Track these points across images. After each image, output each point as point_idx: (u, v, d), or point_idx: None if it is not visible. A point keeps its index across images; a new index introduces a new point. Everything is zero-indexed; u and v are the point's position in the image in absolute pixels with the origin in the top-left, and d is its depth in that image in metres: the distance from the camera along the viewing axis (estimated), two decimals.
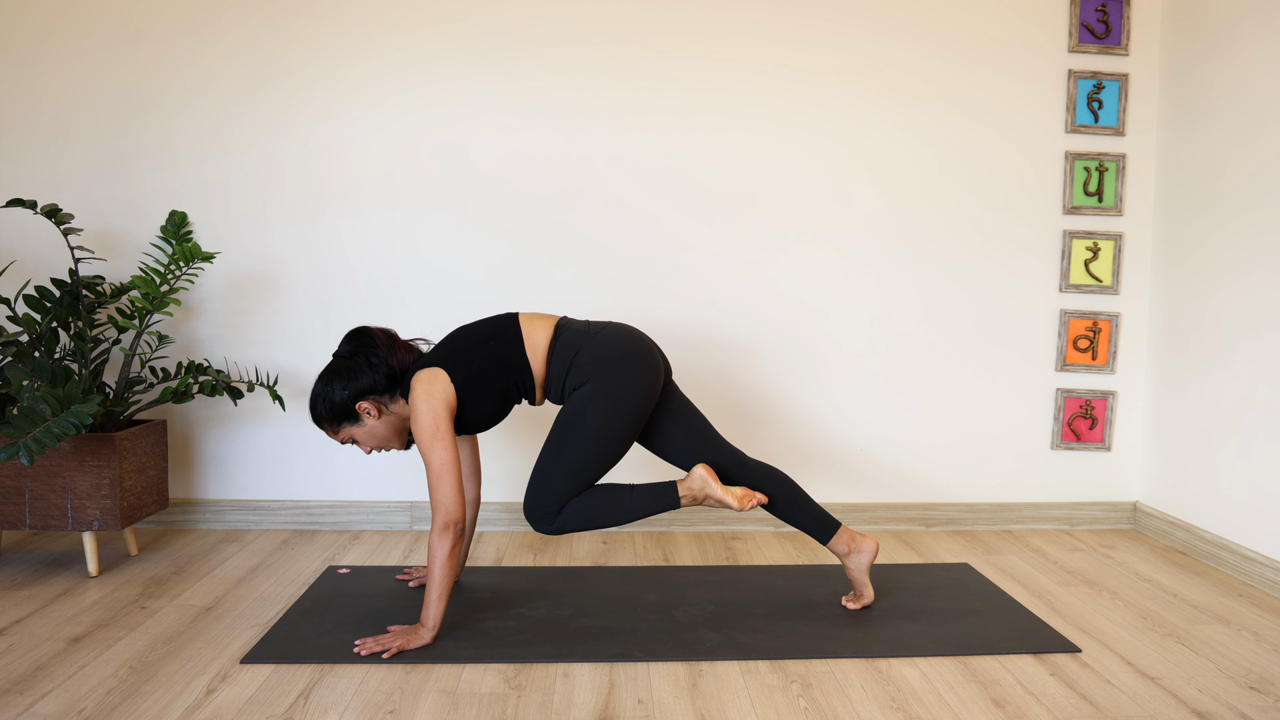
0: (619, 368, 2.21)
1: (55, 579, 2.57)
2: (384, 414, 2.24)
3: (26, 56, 2.95)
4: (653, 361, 2.26)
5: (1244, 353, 2.75)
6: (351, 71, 3.00)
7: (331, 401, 2.20)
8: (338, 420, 2.22)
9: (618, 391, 2.20)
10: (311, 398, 2.23)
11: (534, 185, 3.05)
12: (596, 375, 2.20)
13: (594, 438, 2.18)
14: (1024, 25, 3.12)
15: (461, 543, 2.13)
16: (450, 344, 2.26)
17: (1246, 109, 2.76)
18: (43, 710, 1.81)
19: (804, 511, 2.36)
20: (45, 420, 2.28)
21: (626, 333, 2.29)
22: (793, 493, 2.37)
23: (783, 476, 2.38)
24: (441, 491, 2.09)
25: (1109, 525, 3.26)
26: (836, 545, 2.38)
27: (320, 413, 2.22)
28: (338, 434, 2.25)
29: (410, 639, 2.10)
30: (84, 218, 2.98)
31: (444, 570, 2.09)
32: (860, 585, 2.40)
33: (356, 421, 2.23)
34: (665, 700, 1.90)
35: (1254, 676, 2.05)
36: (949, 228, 3.16)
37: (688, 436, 2.37)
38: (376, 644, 2.08)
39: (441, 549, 2.08)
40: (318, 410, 2.22)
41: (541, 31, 3.01)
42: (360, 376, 2.20)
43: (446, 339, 2.30)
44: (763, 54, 3.06)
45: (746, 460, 2.38)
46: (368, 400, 2.21)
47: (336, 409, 2.20)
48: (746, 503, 2.23)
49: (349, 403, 2.20)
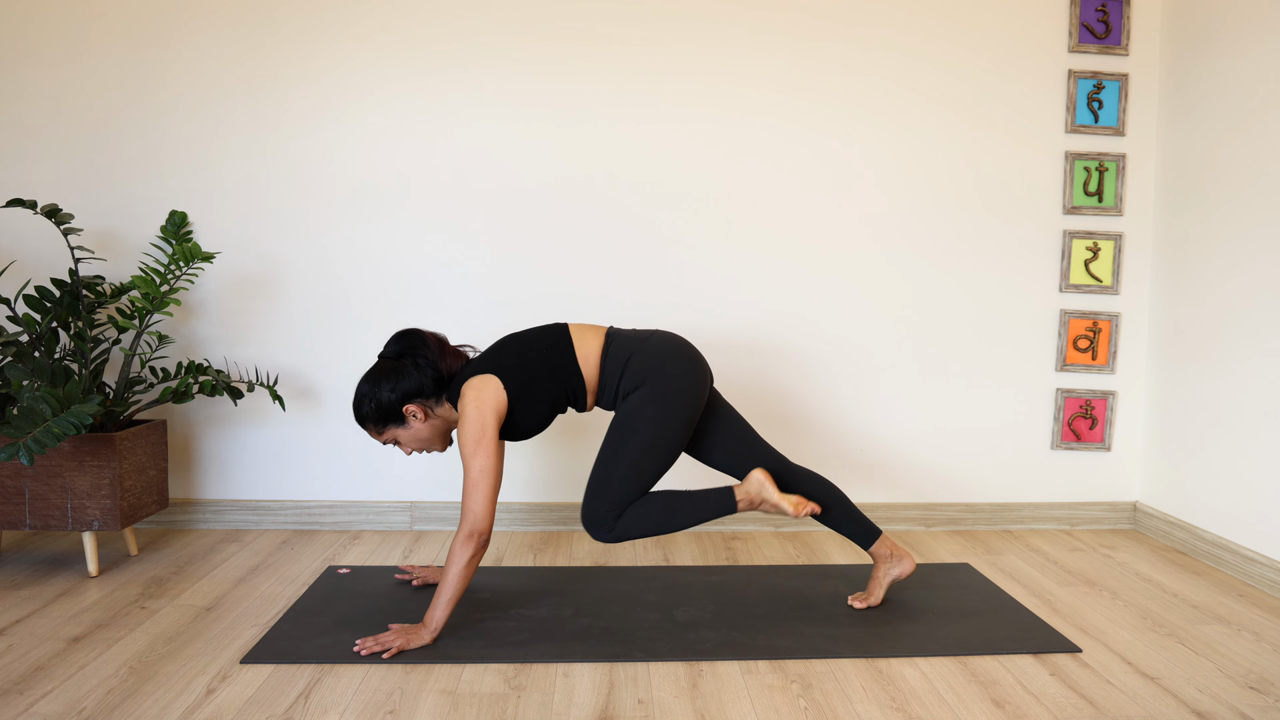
0: (671, 372, 2.24)
1: (55, 579, 2.57)
2: (430, 417, 2.25)
3: (27, 56, 2.95)
4: (701, 365, 2.31)
5: (1244, 352, 2.75)
6: (352, 72, 3.00)
7: (379, 403, 2.20)
8: (384, 421, 2.23)
9: (671, 394, 2.23)
10: (356, 398, 2.23)
11: (534, 186, 3.05)
12: (650, 379, 2.23)
13: (651, 440, 2.20)
14: (1024, 25, 3.12)
15: (482, 554, 2.13)
16: (501, 351, 2.28)
17: (1246, 109, 2.76)
18: (43, 710, 1.81)
19: (848, 518, 2.39)
20: (45, 420, 2.28)
21: (673, 339, 2.34)
22: (838, 500, 2.39)
23: (826, 483, 2.41)
24: (475, 499, 2.09)
25: (1109, 525, 3.26)
26: (879, 549, 2.40)
27: (366, 413, 2.22)
28: (381, 435, 2.26)
29: (411, 639, 2.09)
30: (84, 218, 2.98)
31: (459, 576, 2.09)
32: (876, 589, 2.41)
33: (402, 423, 2.24)
34: (665, 700, 1.90)
35: (1254, 676, 2.05)
36: (948, 228, 3.16)
37: (734, 440, 2.39)
38: (376, 644, 2.08)
39: (462, 556, 2.08)
40: (364, 410, 2.22)
41: (541, 32, 3.01)
42: (408, 378, 2.21)
43: (496, 346, 2.31)
44: (762, 55, 3.06)
45: (791, 465, 2.41)
46: (415, 403, 2.22)
47: (384, 410, 2.21)
48: (801, 510, 2.24)
49: (396, 405, 2.21)
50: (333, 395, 3.08)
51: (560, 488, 3.14)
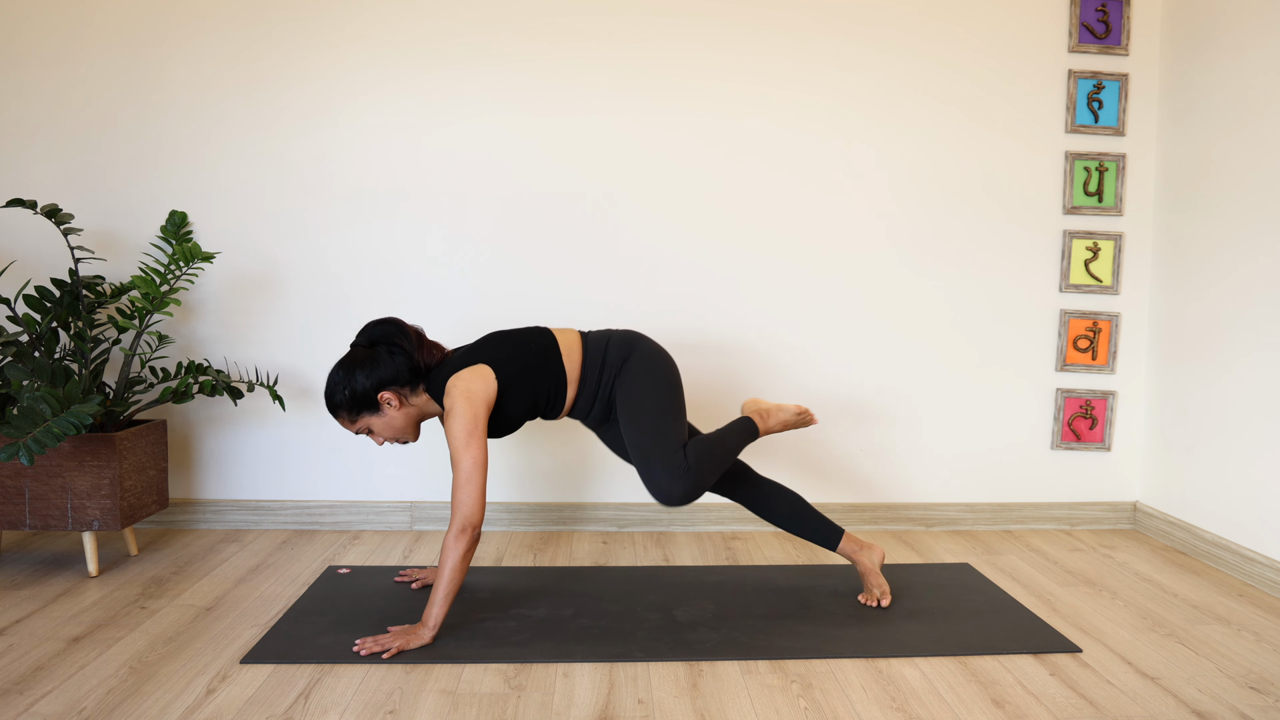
0: (642, 346, 2.36)
1: (55, 579, 2.57)
2: (404, 405, 2.23)
3: (27, 56, 2.95)
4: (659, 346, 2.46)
5: (1244, 352, 2.75)
6: (352, 73, 3.00)
7: (354, 390, 2.17)
8: (357, 409, 2.20)
9: (655, 360, 2.34)
10: (329, 386, 2.20)
11: (533, 188, 3.05)
12: (632, 353, 2.34)
13: (669, 386, 2.32)
14: (1024, 25, 3.12)
15: (475, 548, 2.12)
16: (490, 344, 2.29)
17: (1246, 109, 2.76)
18: (43, 710, 1.81)
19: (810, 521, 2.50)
20: (45, 420, 2.28)
21: (627, 331, 2.44)
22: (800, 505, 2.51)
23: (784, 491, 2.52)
24: (468, 493, 2.09)
25: (1109, 525, 3.26)
26: (846, 546, 2.49)
27: (340, 401, 2.19)
28: (354, 423, 2.22)
29: (410, 639, 2.10)
30: (84, 218, 2.98)
31: (454, 572, 2.09)
32: (874, 579, 2.46)
33: (376, 411, 2.21)
34: (665, 700, 1.90)
35: (1254, 676, 2.05)
36: (948, 228, 3.16)
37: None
38: (376, 644, 2.08)
39: (456, 551, 2.08)
40: (337, 399, 2.19)
41: (540, 34, 3.01)
42: (382, 366, 2.19)
43: (482, 341, 2.32)
44: (761, 55, 3.06)
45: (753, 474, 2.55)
46: (390, 390, 2.20)
47: (358, 397, 2.18)
48: (807, 413, 2.49)
49: (371, 392, 2.18)
50: None
51: (561, 488, 3.14)
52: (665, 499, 2.23)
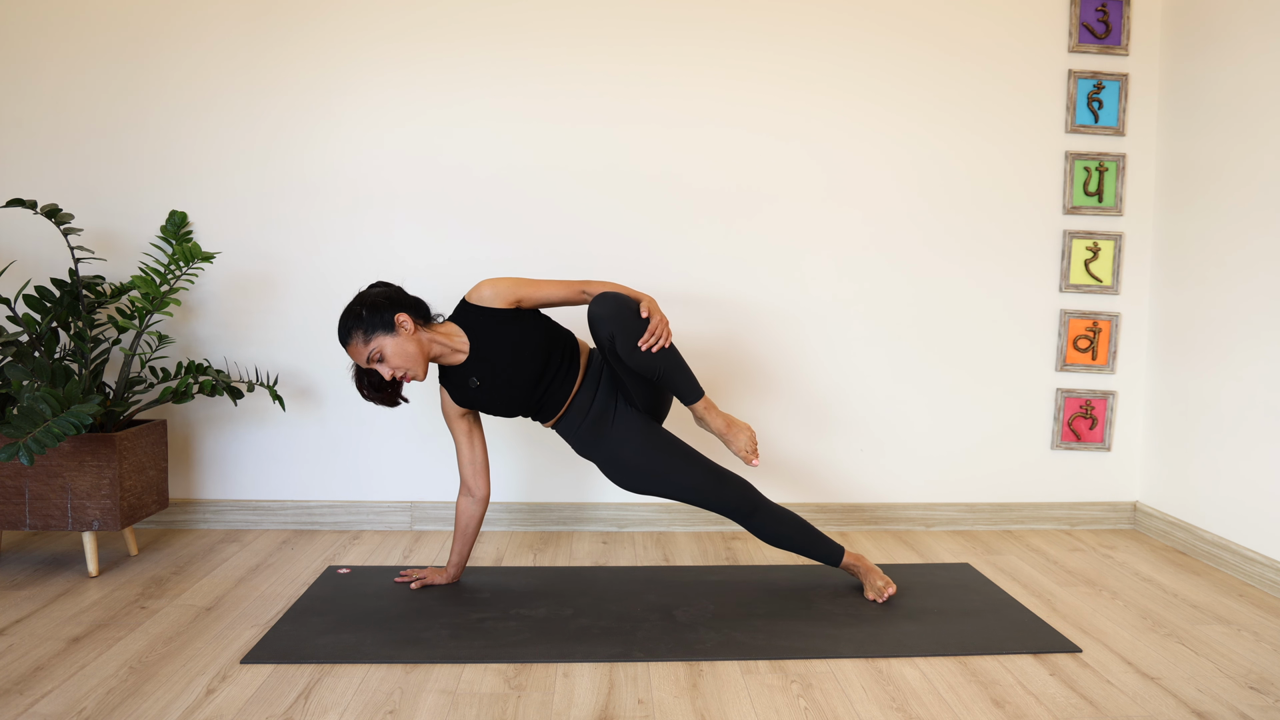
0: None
1: (55, 579, 2.57)
2: (419, 330, 2.29)
3: (27, 57, 2.95)
4: None
5: (1244, 352, 2.75)
6: (353, 73, 3.00)
7: (372, 304, 2.25)
8: (373, 327, 2.24)
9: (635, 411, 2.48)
10: (346, 310, 2.27)
11: (533, 188, 3.05)
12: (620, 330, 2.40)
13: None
14: (1024, 25, 3.12)
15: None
16: None
17: (1246, 108, 2.76)
18: (43, 710, 1.81)
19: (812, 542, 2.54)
20: (45, 420, 2.28)
21: None
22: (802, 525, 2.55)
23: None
24: (594, 284, 2.32)
25: (1109, 525, 3.26)
26: (847, 560, 2.52)
27: (357, 315, 2.24)
28: (368, 344, 2.24)
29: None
30: (84, 218, 2.98)
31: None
32: (873, 577, 2.48)
33: (391, 331, 2.25)
34: (665, 700, 1.90)
35: (1254, 676, 2.05)
36: (948, 228, 3.16)
37: None
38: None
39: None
40: (356, 310, 2.25)
41: (539, 35, 3.01)
42: (398, 294, 2.32)
43: None
44: (761, 55, 3.06)
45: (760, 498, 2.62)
46: (406, 313, 2.27)
47: (376, 313, 2.24)
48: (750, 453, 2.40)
49: (388, 309, 2.25)
50: (333, 395, 3.08)
51: (561, 488, 3.14)
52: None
